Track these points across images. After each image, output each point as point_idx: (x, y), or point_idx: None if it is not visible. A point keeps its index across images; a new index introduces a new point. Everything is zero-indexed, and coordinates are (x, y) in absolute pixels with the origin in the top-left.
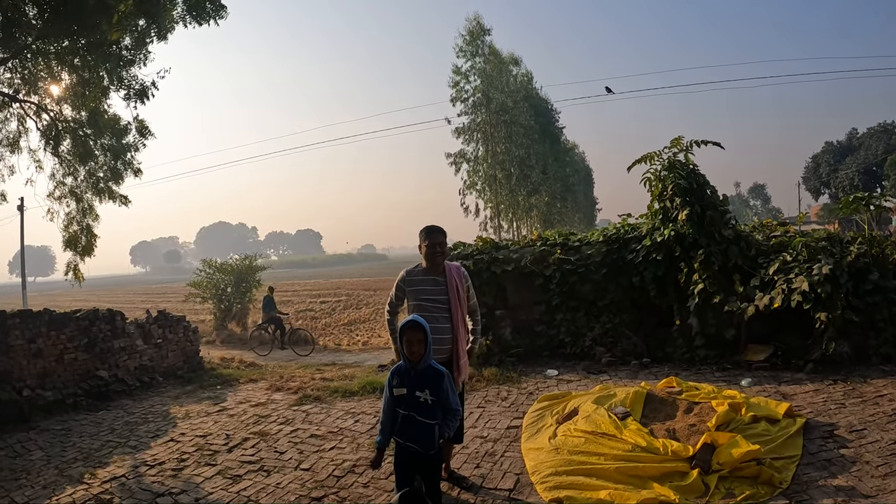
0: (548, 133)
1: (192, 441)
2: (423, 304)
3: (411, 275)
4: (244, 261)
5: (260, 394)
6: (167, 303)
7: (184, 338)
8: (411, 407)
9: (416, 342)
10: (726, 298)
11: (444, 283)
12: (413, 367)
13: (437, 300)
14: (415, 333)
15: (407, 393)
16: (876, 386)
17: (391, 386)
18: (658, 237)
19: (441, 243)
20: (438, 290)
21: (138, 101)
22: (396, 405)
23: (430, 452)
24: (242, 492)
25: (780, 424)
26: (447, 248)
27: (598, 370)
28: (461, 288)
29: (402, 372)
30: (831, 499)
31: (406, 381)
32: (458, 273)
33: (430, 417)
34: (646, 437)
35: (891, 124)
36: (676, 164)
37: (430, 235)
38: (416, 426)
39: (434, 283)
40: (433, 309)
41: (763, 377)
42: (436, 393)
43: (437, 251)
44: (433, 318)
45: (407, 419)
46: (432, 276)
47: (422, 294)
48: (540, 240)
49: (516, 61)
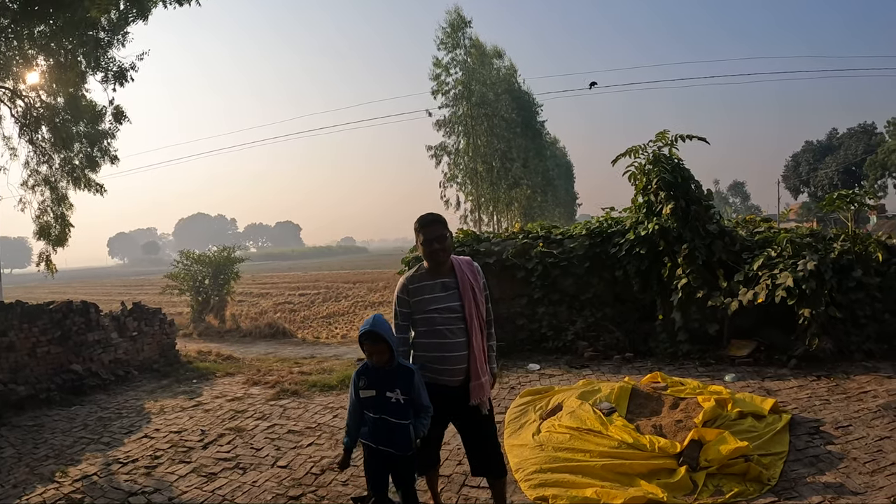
0: (529, 127)
1: (167, 437)
2: (432, 317)
3: (413, 281)
4: (222, 252)
5: (237, 388)
6: (145, 295)
7: (159, 330)
8: (382, 409)
9: (377, 353)
10: (710, 293)
11: (454, 285)
12: (382, 368)
13: (449, 308)
14: (375, 346)
15: (376, 395)
16: (859, 382)
17: (357, 387)
18: (642, 231)
19: (441, 237)
20: (449, 295)
21: (117, 83)
22: (364, 408)
23: (407, 454)
24: (217, 490)
25: (766, 420)
26: (451, 240)
27: (581, 364)
28: (477, 288)
29: (369, 372)
30: (820, 495)
31: (374, 382)
32: (470, 270)
33: (403, 418)
34: (632, 434)
35: (871, 125)
36: (661, 158)
37: (425, 228)
38: (389, 429)
39: (443, 288)
40: (445, 321)
41: (747, 372)
42: (408, 391)
43: (437, 247)
44: (447, 332)
45: (379, 422)
46: (439, 278)
47: (429, 304)
48: (522, 232)
49: (500, 54)
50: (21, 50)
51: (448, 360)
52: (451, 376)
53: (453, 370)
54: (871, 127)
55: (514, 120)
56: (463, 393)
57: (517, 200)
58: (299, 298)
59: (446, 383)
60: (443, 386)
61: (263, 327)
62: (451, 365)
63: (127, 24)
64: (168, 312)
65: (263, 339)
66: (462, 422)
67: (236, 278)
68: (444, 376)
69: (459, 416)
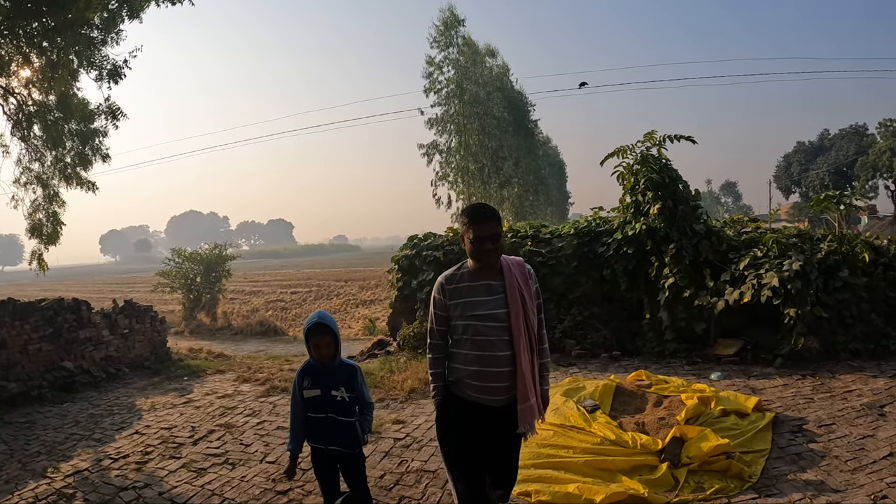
0: (521, 126)
1: (157, 433)
2: (472, 324)
3: (452, 281)
4: (214, 250)
5: (227, 385)
6: (137, 293)
7: (151, 328)
8: (328, 408)
9: (324, 346)
10: (697, 293)
11: (501, 289)
12: (325, 366)
13: (492, 316)
14: (322, 337)
15: (321, 394)
16: (844, 381)
17: (301, 388)
18: (629, 231)
19: (496, 235)
20: (494, 301)
21: (111, 81)
22: (309, 409)
23: (355, 451)
24: (207, 485)
25: (749, 418)
26: (503, 239)
27: (568, 363)
28: (528, 295)
29: (313, 371)
30: (801, 493)
31: (318, 381)
32: (521, 273)
33: (349, 415)
34: (615, 431)
35: (862, 126)
36: (649, 158)
37: (478, 224)
38: (336, 427)
39: (487, 291)
40: (487, 330)
41: (732, 371)
42: (352, 389)
43: (489, 248)
44: (488, 343)
45: (324, 422)
46: (484, 280)
47: (470, 309)
48: (511, 231)
49: (493, 53)
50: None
51: (489, 377)
52: (493, 395)
53: (495, 388)
54: (862, 128)
55: (505, 119)
56: (508, 415)
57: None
58: (291, 296)
59: (488, 403)
60: (484, 406)
61: (255, 325)
62: (492, 382)
63: (120, 23)
64: (160, 310)
65: (255, 336)
66: (494, 444)
67: (228, 276)
68: (485, 395)
69: (497, 440)
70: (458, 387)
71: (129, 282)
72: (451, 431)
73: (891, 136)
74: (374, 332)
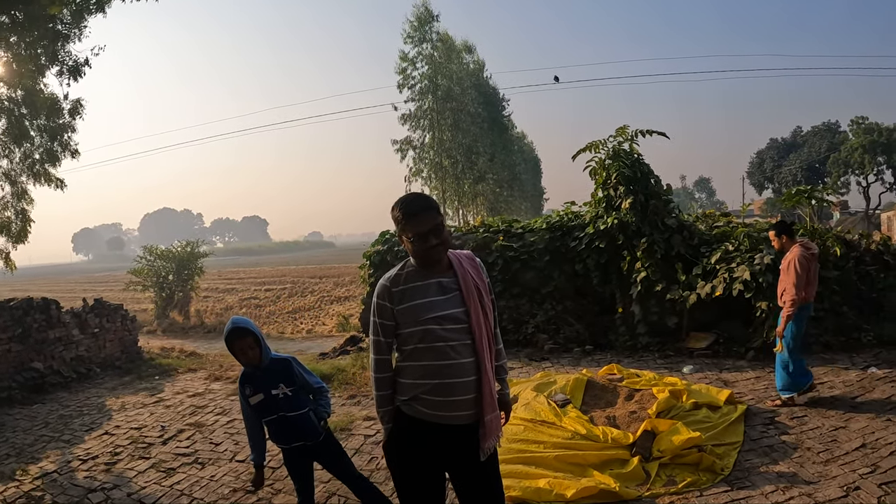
0: (496, 121)
1: (127, 434)
2: (429, 329)
3: (398, 282)
4: (186, 247)
5: (198, 384)
6: (109, 291)
7: (121, 327)
8: (276, 408)
9: (248, 348)
10: (669, 287)
11: (455, 286)
12: (258, 368)
13: (451, 317)
14: (243, 340)
15: (265, 397)
16: (816, 374)
17: (246, 396)
18: (601, 225)
19: (438, 227)
20: (449, 299)
21: (71, 78)
22: (259, 414)
23: (319, 439)
24: (176, 485)
25: (721, 411)
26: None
27: (541, 357)
28: (483, 290)
29: (252, 377)
30: (773, 485)
31: (259, 385)
32: (473, 266)
33: (299, 408)
34: (585, 425)
35: (835, 123)
36: (621, 153)
37: (416, 218)
38: (291, 424)
39: (440, 290)
40: (447, 335)
41: (705, 364)
42: (291, 382)
43: (434, 243)
44: (450, 350)
45: (278, 422)
46: (434, 277)
47: (424, 312)
48: (483, 226)
49: (469, 49)
50: None
51: (453, 389)
52: (458, 410)
53: (460, 402)
54: (834, 125)
55: (480, 115)
56: (471, 434)
57: (483, 195)
58: (265, 294)
59: (451, 422)
60: (443, 426)
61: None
62: (458, 395)
63: (85, 18)
64: (132, 309)
65: None
66: (463, 470)
67: (200, 274)
68: (449, 411)
69: (460, 465)
70: (413, 407)
71: (102, 280)
72: (407, 464)
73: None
74: (348, 329)
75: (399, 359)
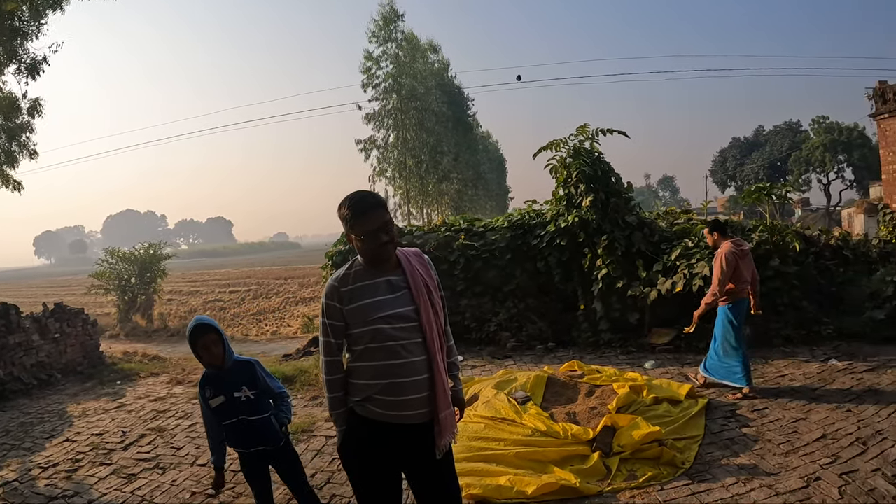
0: (461, 121)
1: (88, 440)
2: (379, 328)
3: (346, 282)
4: (148, 249)
5: (160, 388)
6: (72, 296)
7: (83, 331)
8: (237, 412)
9: (212, 344)
10: (630, 283)
11: (404, 284)
12: (220, 370)
13: (401, 316)
14: (208, 336)
15: (226, 400)
16: (777, 367)
17: (206, 399)
18: (562, 223)
19: (387, 225)
20: (398, 298)
21: (29, 76)
22: (220, 417)
23: (279, 444)
24: (137, 491)
25: (682, 405)
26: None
27: (504, 355)
28: (432, 287)
29: (212, 379)
30: (734, 477)
31: (220, 387)
32: (421, 263)
33: (261, 412)
34: (546, 422)
35: (796, 123)
36: (582, 152)
37: (363, 216)
38: (251, 428)
39: (389, 288)
40: (398, 334)
41: (667, 359)
42: (254, 385)
43: (385, 240)
44: (401, 349)
45: (238, 426)
46: (383, 276)
47: (374, 311)
48: (444, 225)
49: (434, 48)
50: None
51: (405, 389)
52: (411, 409)
53: (413, 401)
54: (796, 125)
55: (444, 114)
56: (426, 433)
57: (447, 194)
58: (230, 296)
59: (405, 421)
60: (398, 426)
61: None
62: (411, 394)
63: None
64: (94, 313)
65: None
66: (419, 470)
67: (163, 276)
68: (403, 411)
69: (416, 465)
70: (366, 408)
71: (64, 284)
72: (363, 466)
73: (823, 133)
74: (312, 330)
75: (350, 359)
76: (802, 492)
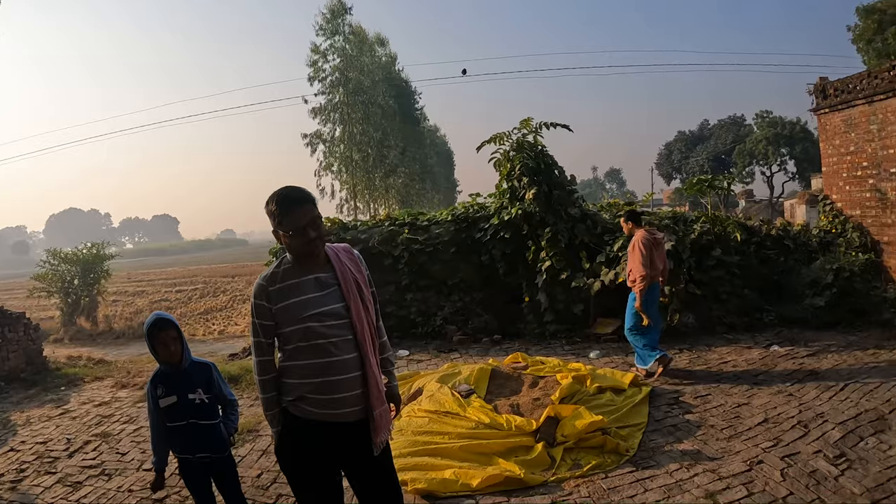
0: (408, 115)
1: (33, 449)
2: (309, 326)
3: (275, 280)
4: (91, 249)
5: (105, 392)
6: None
7: (25, 337)
8: (188, 414)
9: (171, 341)
10: (573, 275)
11: (333, 280)
12: (176, 369)
13: (331, 313)
14: (167, 332)
15: (178, 400)
16: (720, 353)
17: (156, 397)
18: (506, 216)
19: (315, 220)
20: (328, 295)
21: None
22: (168, 418)
23: (223, 455)
24: (83, 499)
25: (625, 394)
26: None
27: (450, 349)
28: (362, 283)
29: (165, 377)
30: (678, 463)
31: (173, 387)
32: (351, 259)
33: (211, 418)
34: (489, 414)
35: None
36: (525, 145)
37: (291, 212)
38: (200, 433)
39: (318, 286)
40: (328, 331)
41: (612, 349)
42: (209, 389)
43: (313, 236)
44: (331, 347)
45: (187, 429)
46: (311, 273)
47: (303, 309)
48: (388, 219)
49: (382, 42)
50: None
51: (337, 387)
52: (345, 407)
53: (346, 399)
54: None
55: (391, 108)
56: (362, 430)
57: (394, 188)
58: (176, 295)
59: (338, 419)
60: (333, 425)
61: (138, 327)
62: (343, 392)
63: None
64: (37, 317)
65: (138, 339)
66: (358, 467)
67: (107, 277)
68: (336, 409)
69: (355, 463)
70: (300, 407)
71: (6, 288)
72: (300, 466)
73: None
74: None
75: (282, 359)
76: (745, 475)
